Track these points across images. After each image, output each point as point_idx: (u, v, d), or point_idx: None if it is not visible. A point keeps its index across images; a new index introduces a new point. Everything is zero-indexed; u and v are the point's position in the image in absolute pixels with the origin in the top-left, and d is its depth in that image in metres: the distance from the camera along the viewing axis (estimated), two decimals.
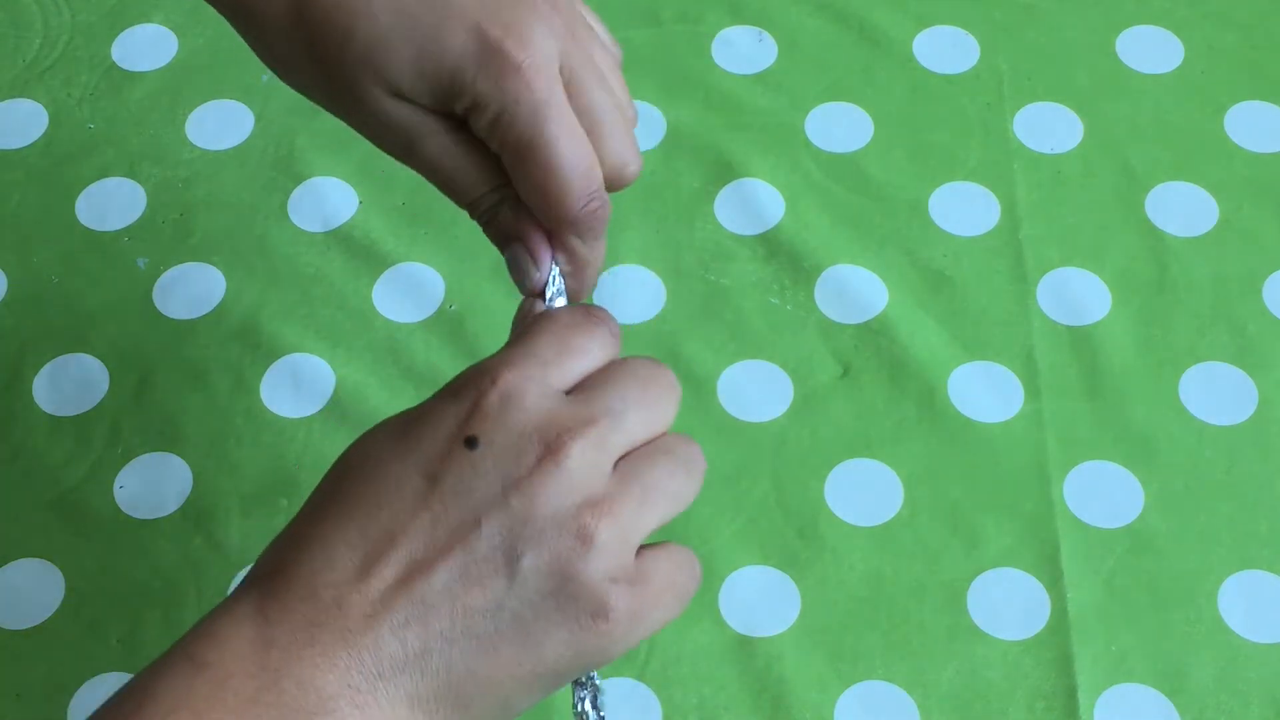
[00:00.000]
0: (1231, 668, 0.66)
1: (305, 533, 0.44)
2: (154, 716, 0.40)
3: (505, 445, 0.43)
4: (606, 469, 0.45)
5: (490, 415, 0.44)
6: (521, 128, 0.49)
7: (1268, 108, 0.83)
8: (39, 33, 0.88)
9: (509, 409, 0.44)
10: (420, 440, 0.44)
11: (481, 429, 0.44)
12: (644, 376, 0.47)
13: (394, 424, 0.45)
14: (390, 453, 0.44)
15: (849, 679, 0.66)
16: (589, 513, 0.44)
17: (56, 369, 0.75)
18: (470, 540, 0.43)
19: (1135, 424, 0.72)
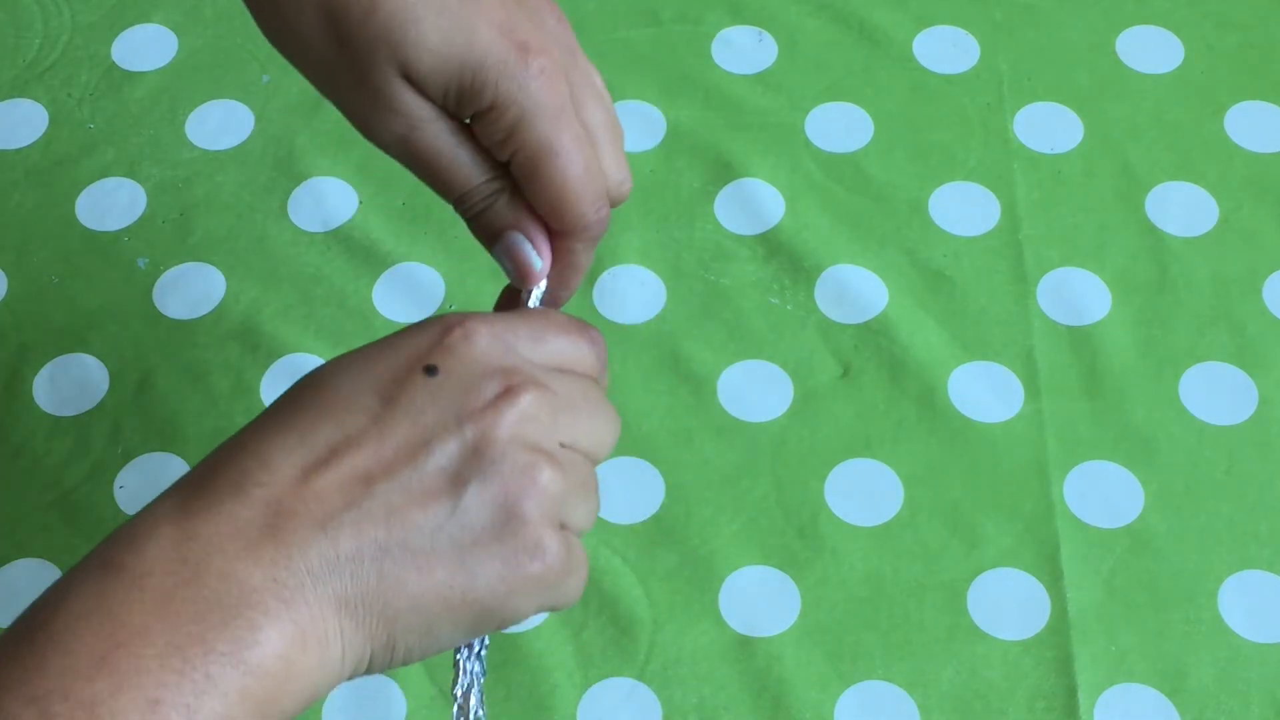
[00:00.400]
0: (1231, 668, 0.66)
1: (241, 441, 0.43)
2: (66, 620, 0.39)
3: (465, 377, 0.44)
4: (554, 436, 0.45)
5: (453, 350, 0.44)
6: (542, 132, 0.49)
7: (1268, 108, 0.83)
8: (39, 33, 0.88)
9: (473, 348, 0.44)
10: (378, 363, 0.44)
11: (443, 360, 0.44)
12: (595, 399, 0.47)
13: (354, 351, 0.45)
14: (344, 373, 0.44)
15: (849, 679, 0.66)
16: (540, 457, 0.44)
17: (56, 369, 0.75)
18: (418, 459, 0.43)
19: (1135, 424, 0.72)
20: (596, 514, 0.47)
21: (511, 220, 0.51)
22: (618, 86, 0.84)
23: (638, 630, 0.67)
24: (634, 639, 0.67)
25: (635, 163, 0.82)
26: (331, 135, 0.83)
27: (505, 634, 0.67)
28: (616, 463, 0.72)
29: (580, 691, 0.66)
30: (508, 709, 0.65)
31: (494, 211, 0.51)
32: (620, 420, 0.49)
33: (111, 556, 0.40)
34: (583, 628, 0.67)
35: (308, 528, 0.41)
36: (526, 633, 0.67)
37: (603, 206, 0.51)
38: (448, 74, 0.48)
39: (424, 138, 0.50)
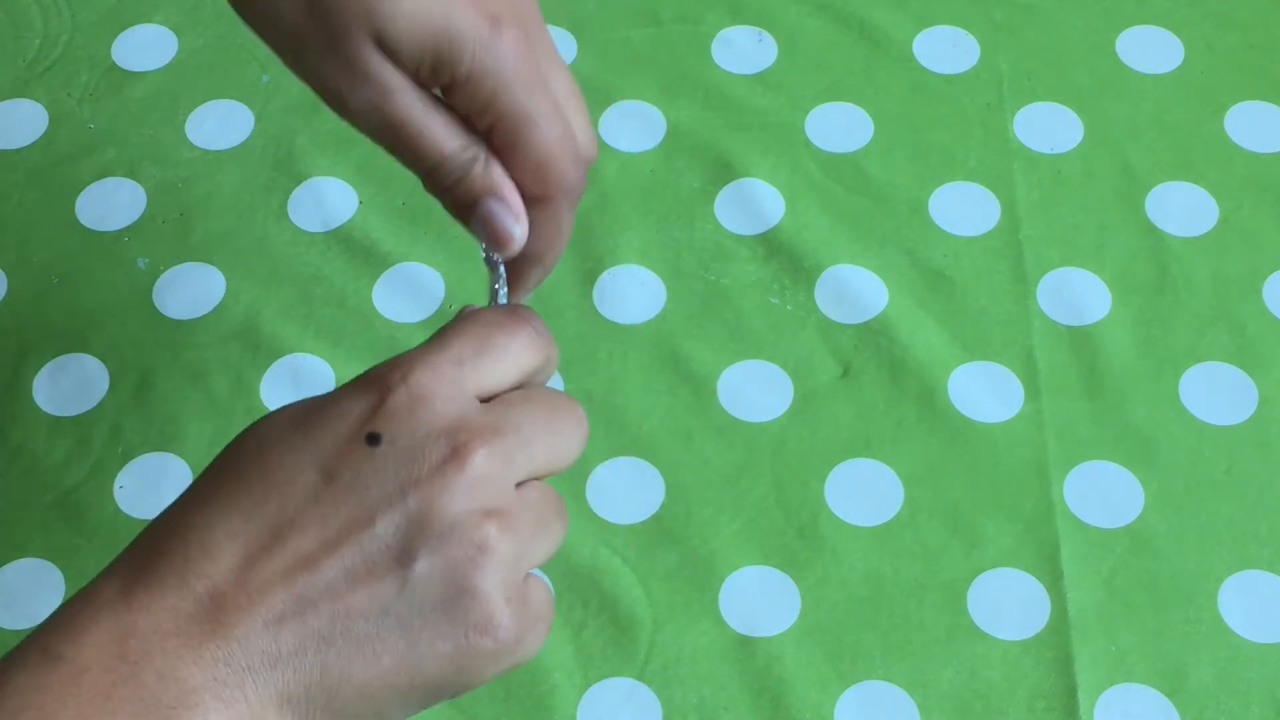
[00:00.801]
0: (1231, 668, 0.66)
1: (184, 519, 0.42)
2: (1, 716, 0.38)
3: (408, 444, 0.42)
4: (509, 485, 0.43)
5: (396, 413, 0.42)
6: (520, 100, 0.49)
7: (1268, 108, 0.83)
8: (39, 33, 0.88)
9: (416, 408, 0.42)
10: (319, 432, 0.42)
11: (385, 426, 0.42)
12: (555, 407, 0.46)
13: (292, 412, 0.44)
14: (285, 443, 0.42)
15: (849, 679, 0.66)
16: (491, 522, 0.42)
17: (56, 369, 0.75)
18: (362, 538, 0.41)
19: (1135, 424, 0.72)
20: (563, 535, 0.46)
21: (487, 187, 0.50)
22: (618, 86, 0.84)
23: (638, 630, 0.67)
24: (634, 639, 0.67)
25: (635, 163, 0.82)
26: (331, 135, 0.83)
27: None
28: (616, 463, 0.72)
29: (580, 691, 0.66)
30: (508, 709, 0.65)
31: (469, 181, 0.50)
32: (584, 412, 0.47)
33: (50, 644, 0.39)
34: (583, 628, 0.67)
35: (249, 622, 0.40)
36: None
37: (580, 167, 0.51)
38: (422, 43, 0.48)
39: (397, 106, 0.49)
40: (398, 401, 0.42)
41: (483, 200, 0.50)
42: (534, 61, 0.49)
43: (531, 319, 0.47)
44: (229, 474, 0.42)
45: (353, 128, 0.51)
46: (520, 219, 0.50)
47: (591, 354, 0.75)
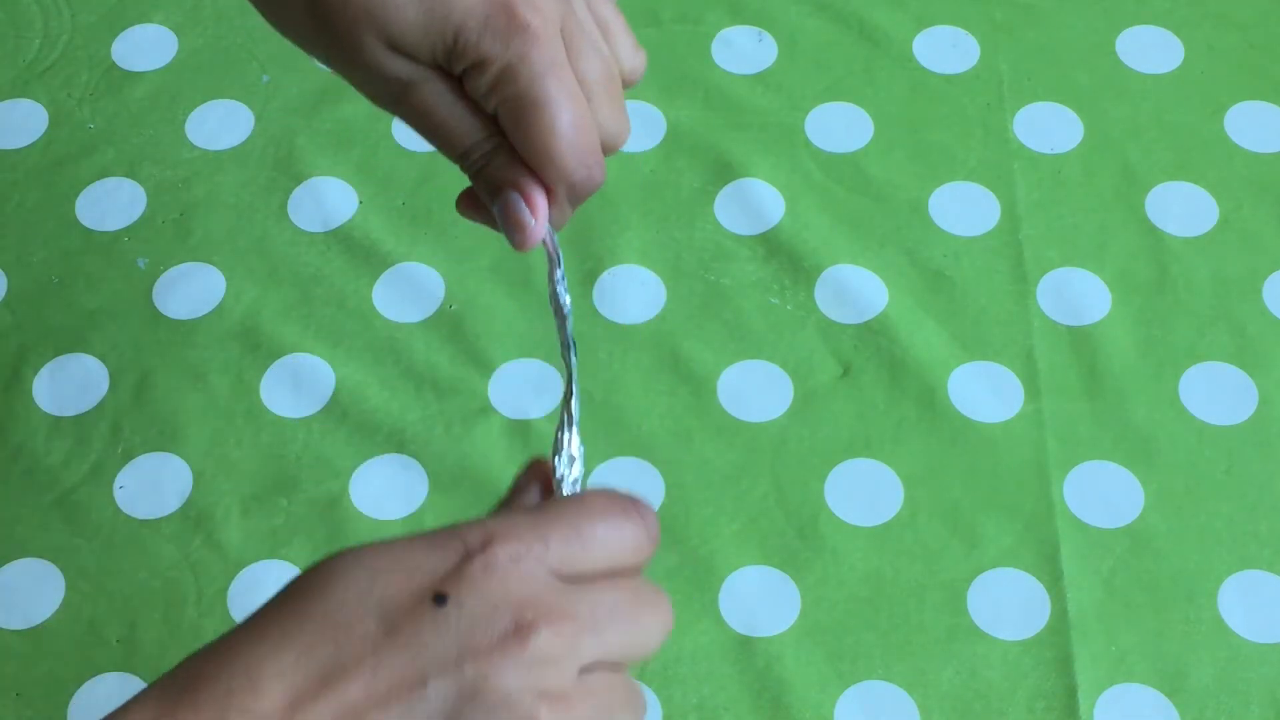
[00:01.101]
0: (1231, 668, 0.66)
1: (235, 646, 0.40)
2: None
3: (474, 611, 0.40)
4: (571, 670, 0.41)
5: (468, 578, 0.41)
6: (525, 86, 0.48)
7: (1268, 108, 0.83)
8: (39, 33, 0.88)
9: (490, 576, 0.41)
10: (388, 580, 0.41)
11: (455, 589, 0.40)
12: (640, 594, 0.44)
13: (368, 553, 0.42)
14: (352, 589, 0.41)
15: (849, 679, 0.66)
16: (543, 705, 0.40)
17: (56, 369, 0.75)
18: (411, 698, 0.39)
19: (1135, 424, 0.72)
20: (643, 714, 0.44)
21: (509, 178, 0.50)
22: None
23: None
24: None
25: (635, 163, 0.82)
26: (331, 135, 0.83)
27: None
28: (616, 463, 0.72)
29: None
30: None
31: (492, 169, 0.50)
32: (669, 604, 0.45)
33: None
34: None
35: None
36: None
37: (594, 163, 0.50)
38: (431, 39, 0.48)
39: (419, 98, 0.50)
40: (473, 567, 0.41)
41: (501, 191, 0.50)
42: (550, 45, 0.48)
43: (644, 515, 0.45)
44: (288, 606, 0.41)
45: (352, 128, 0.51)
46: (537, 212, 0.50)
47: (591, 354, 0.75)
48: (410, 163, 0.82)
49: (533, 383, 0.74)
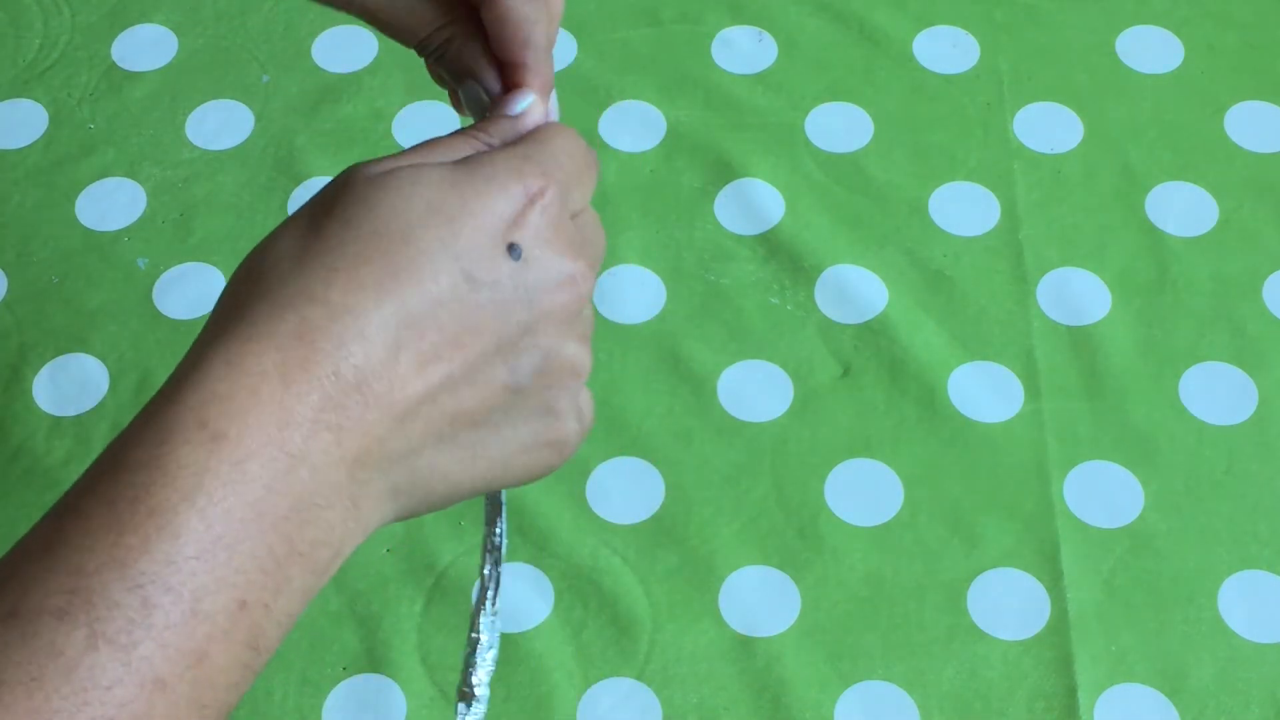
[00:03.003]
0: (1231, 668, 0.66)
1: (332, 294, 0.41)
2: (168, 496, 0.37)
3: (542, 264, 0.44)
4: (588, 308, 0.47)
5: (532, 226, 0.44)
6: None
7: (1268, 108, 0.83)
8: (39, 33, 0.88)
9: (547, 223, 0.44)
10: (467, 231, 0.43)
11: (524, 239, 0.44)
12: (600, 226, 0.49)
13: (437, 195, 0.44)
14: (435, 233, 0.43)
15: (849, 679, 0.66)
16: (584, 349, 0.46)
17: (56, 369, 0.75)
18: (488, 347, 0.43)
19: (1135, 424, 0.72)
20: None
21: (468, 66, 0.51)
22: (618, 86, 0.84)
23: (638, 630, 0.67)
24: (634, 639, 0.67)
25: (635, 163, 0.82)
26: (331, 135, 0.83)
27: (505, 634, 0.67)
28: (616, 463, 0.72)
29: (580, 691, 0.66)
30: (507, 709, 0.65)
31: (450, 57, 0.52)
32: None
33: (210, 419, 0.39)
34: (583, 628, 0.67)
35: (389, 420, 0.41)
36: (527, 633, 0.67)
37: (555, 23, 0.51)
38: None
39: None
40: (535, 215, 0.44)
41: (463, 81, 0.52)
42: None
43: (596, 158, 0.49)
44: (378, 252, 0.42)
45: (352, 128, 0.52)
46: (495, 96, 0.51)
47: (592, 353, 0.75)
48: None
49: None
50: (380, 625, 0.67)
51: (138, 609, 0.36)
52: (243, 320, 0.42)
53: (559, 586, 0.68)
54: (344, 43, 0.87)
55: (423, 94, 0.84)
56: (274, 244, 0.43)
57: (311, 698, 0.66)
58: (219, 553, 0.37)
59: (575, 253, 0.45)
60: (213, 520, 0.38)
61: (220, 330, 0.42)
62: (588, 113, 0.83)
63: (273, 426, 0.39)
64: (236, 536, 0.38)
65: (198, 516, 0.37)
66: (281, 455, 0.39)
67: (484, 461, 0.44)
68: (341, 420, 0.40)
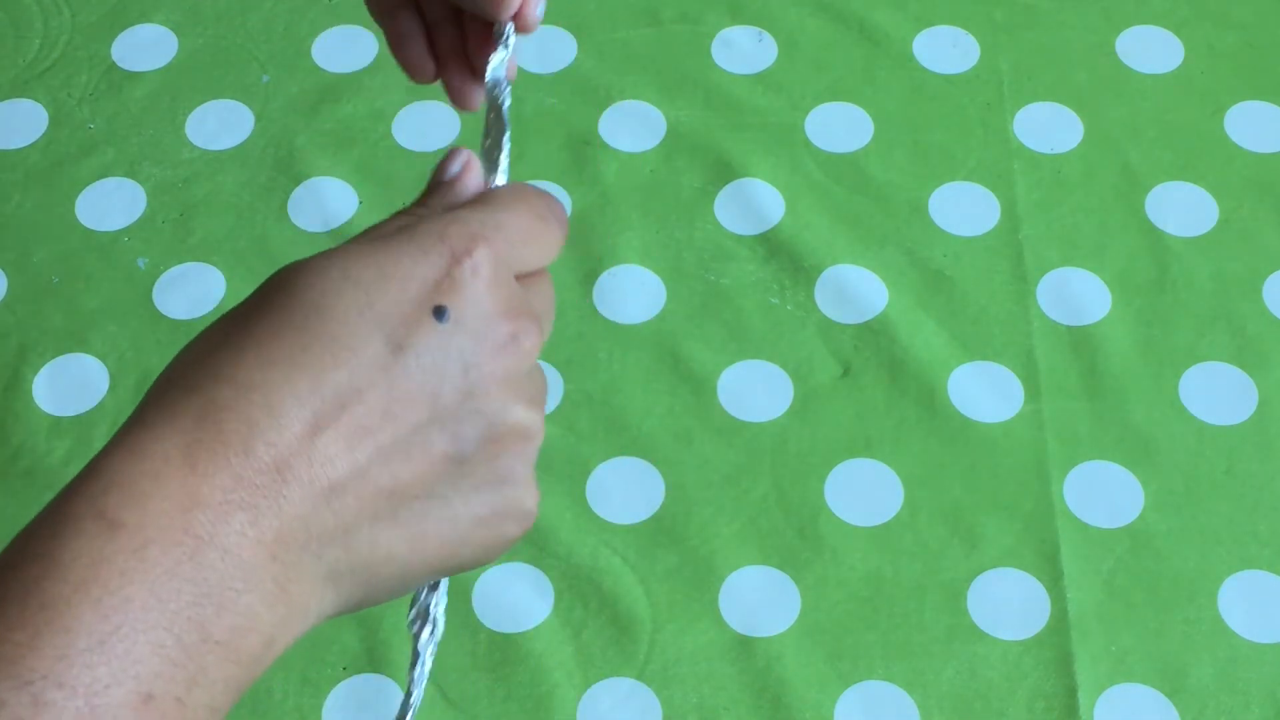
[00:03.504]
0: (1231, 668, 0.66)
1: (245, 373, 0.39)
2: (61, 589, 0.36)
3: (473, 326, 0.41)
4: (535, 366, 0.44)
5: (461, 287, 0.41)
6: None
7: (1268, 108, 0.83)
8: (39, 33, 0.88)
9: (478, 284, 0.42)
10: (384, 295, 0.41)
11: (452, 301, 0.41)
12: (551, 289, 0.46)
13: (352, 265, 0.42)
14: (348, 301, 0.41)
15: (849, 679, 0.66)
16: (535, 411, 0.42)
17: (56, 369, 0.75)
18: (423, 416, 0.40)
19: (1135, 424, 0.72)
20: None
21: None
22: (618, 86, 0.84)
23: (638, 630, 0.67)
24: (634, 639, 0.67)
25: (635, 163, 0.82)
26: (331, 135, 0.83)
27: (505, 634, 0.67)
28: (616, 463, 0.72)
29: (580, 691, 0.66)
30: (507, 709, 0.65)
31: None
32: None
33: (109, 509, 0.37)
34: (583, 628, 0.67)
35: (313, 499, 0.39)
36: (526, 632, 0.67)
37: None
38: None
39: None
40: (464, 275, 0.41)
41: None
42: None
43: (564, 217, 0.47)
44: (290, 327, 0.40)
45: (352, 128, 0.52)
46: None
47: (591, 354, 0.75)
48: (410, 163, 0.82)
49: None
50: (380, 625, 0.67)
51: (28, 707, 0.34)
52: (150, 406, 0.40)
53: (559, 586, 0.68)
54: (344, 43, 0.87)
55: (423, 94, 0.84)
56: (198, 336, 0.42)
57: (311, 697, 0.66)
58: (116, 644, 0.35)
59: (516, 311, 0.42)
60: (109, 611, 0.36)
61: (130, 419, 0.40)
62: (588, 113, 0.83)
63: (176, 510, 0.37)
64: (136, 627, 0.36)
65: (91, 608, 0.36)
66: (186, 539, 0.37)
67: (434, 540, 0.41)
68: (256, 500, 0.38)
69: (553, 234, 0.45)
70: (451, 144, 0.82)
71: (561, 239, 0.45)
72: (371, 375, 0.40)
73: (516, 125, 0.82)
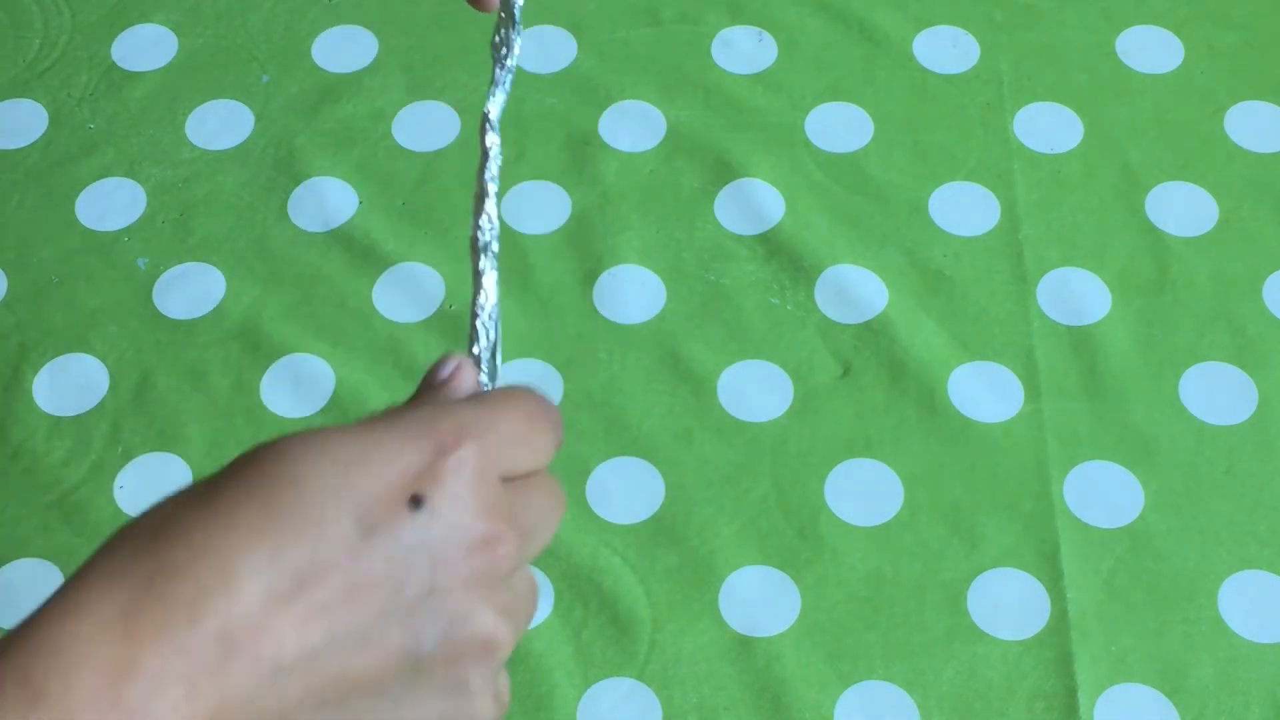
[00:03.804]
0: (1231, 668, 0.66)
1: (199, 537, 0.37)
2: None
3: (449, 521, 0.39)
4: (517, 578, 0.42)
5: (443, 480, 0.39)
6: None
7: (1268, 108, 0.83)
8: (39, 33, 0.88)
9: (462, 480, 0.40)
10: (362, 477, 0.39)
11: (431, 492, 0.39)
12: (557, 499, 0.44)
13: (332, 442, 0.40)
14: (324, 480, 0.39)
15: (849, 679, 0.66)
16: (504, 622, 0.40)
17: (56, 369, 0.75)
18: (384, 605, 0.38)
19: (1135, 424, 0.72)
20: None
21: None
22: (618, 86, 0.84)
23: (638, 630, 0.67)
24: (634, 639, 0.67)
25: (635, 163, 0.82)
26: (331, 135, 0.83)
27: None
28: (616, 463, 0.72)
29: (580, 691, 0.66)
30: (508, 709, 0.65)
31: None
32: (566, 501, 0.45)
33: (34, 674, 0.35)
34: (583, 628, 0.67)
35: (257, 678, 0.36)
36: (526, 632, 0.67)
37: None
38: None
39: None
40: (447, 468, 0.40)
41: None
42: None
43: (559, 423, 0.45)
44: (256, 496, 0.39)
45: (352, 128, 0.51)
46: None
47: (591, 354, 0.75)
48: (410, 163, 0.82)
49: (533, 383, 0.74)
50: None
51: None
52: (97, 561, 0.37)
53: (559, 586, 0.68)
54: (344, 43, 0.87)
55: (423, 94, 0.84)
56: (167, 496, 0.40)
57: None
58: None
59: (496, 514, 0.40)
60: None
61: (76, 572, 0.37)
62: (588, 113, 0.83)
63: (106, 680, 0.35)
64: None
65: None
66: (114, 711, 0.35)
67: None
68: (196, 673, 0.36)
69: (546, 438, 0.43)
70: (451, 143, 0.82)
71: (555, 443, 0.44)
72: (336, 555, 0.38)
73: (517, 125, 0.82)
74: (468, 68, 0.85)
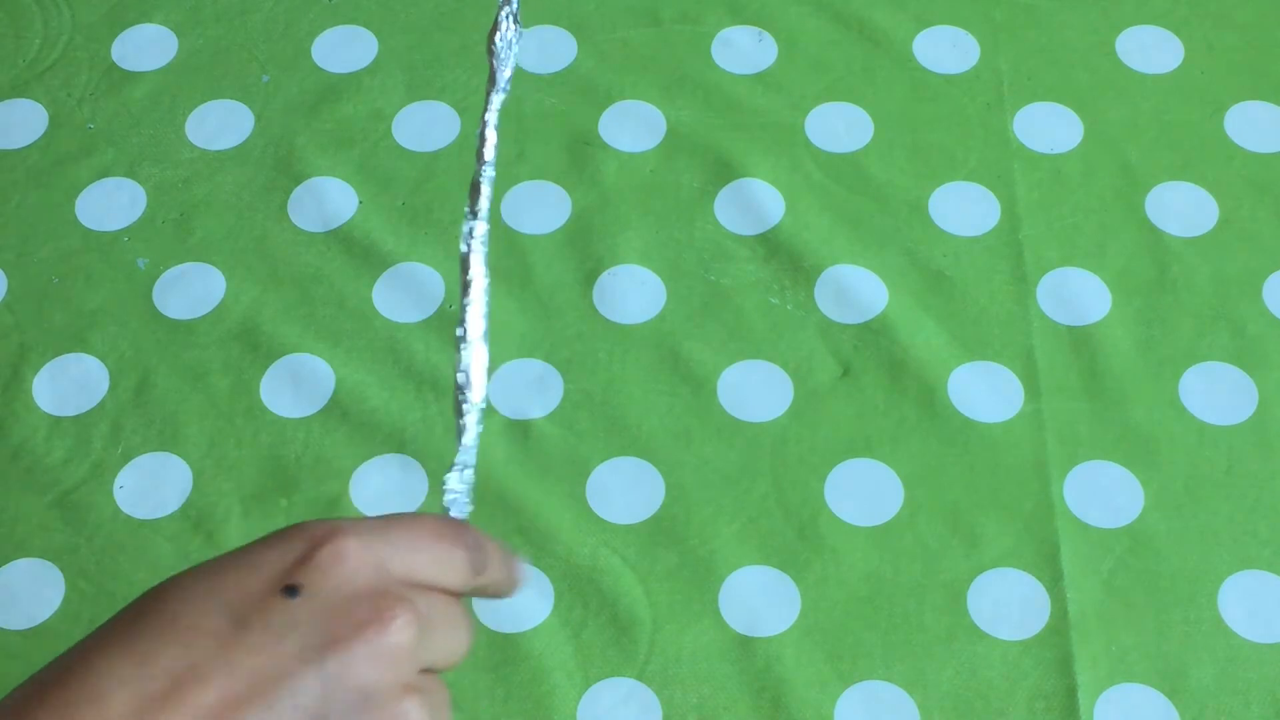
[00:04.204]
0: (1231, 668, 0.66)
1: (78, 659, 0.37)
2: None
3: (331, 600, 0.38)
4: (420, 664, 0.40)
5: (319, 568, 0.39)
6: None
7: (1268, 108, 0.83)
8: (39, 33, 0.88)
9: (341, 565, 0.39)
10: (231, 581, 0.38)
11: (307, 579, 0.38)
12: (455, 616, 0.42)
13: (204, 565, 0.40)
14: (192, 591, 0.39)
15: (849, 679, 0.66)
16: (412, 699, 0.39)
17: (56, 369, 0.75)
18: (271, 695, 0.37)
19: (1135, 424, 0.72)
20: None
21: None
22: (618, 86, 0.84)
23: (638, 630, 0.67)
24: (634, 639, 0.67)
25: (635, 163, 0.82)
26: (331, 135, 0.83)
27: (504, 633, 0.67)
28: (616, 463, 0.72)
29: (580, 691, 0.66)
30: (507, 709, 0.65)
31: None
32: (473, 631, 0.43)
33: None
34: (583, 628, 0.67)
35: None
36: (526, 633, 0.67)
37: None
38: None
39: None
40: (322, 556, 0.39)
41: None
42: None
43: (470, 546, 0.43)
44: (126, 618, 0.39)
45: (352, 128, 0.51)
46: None
47: (591, 354, 0.75)
48: (410, 163, 0.82)
49: (533, 383, 0.74)
50: None
51: None
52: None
53: (559, 587, 0.68)
54: (344, 43, 0.87)
55: (423, 94, 0.84)
56: None
57: None
58: None
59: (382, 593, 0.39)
60: None
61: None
62: (588, 113, 0.83)
63: None
64: None
65: None
66: None
67: None
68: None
69: (452, 553, 0.42)
70: (451, 143, 0.82)
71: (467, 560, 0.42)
72: (210, 652, 0.37)
73: (517, 125, 0.82)
74: (468, 68, 0.85)
